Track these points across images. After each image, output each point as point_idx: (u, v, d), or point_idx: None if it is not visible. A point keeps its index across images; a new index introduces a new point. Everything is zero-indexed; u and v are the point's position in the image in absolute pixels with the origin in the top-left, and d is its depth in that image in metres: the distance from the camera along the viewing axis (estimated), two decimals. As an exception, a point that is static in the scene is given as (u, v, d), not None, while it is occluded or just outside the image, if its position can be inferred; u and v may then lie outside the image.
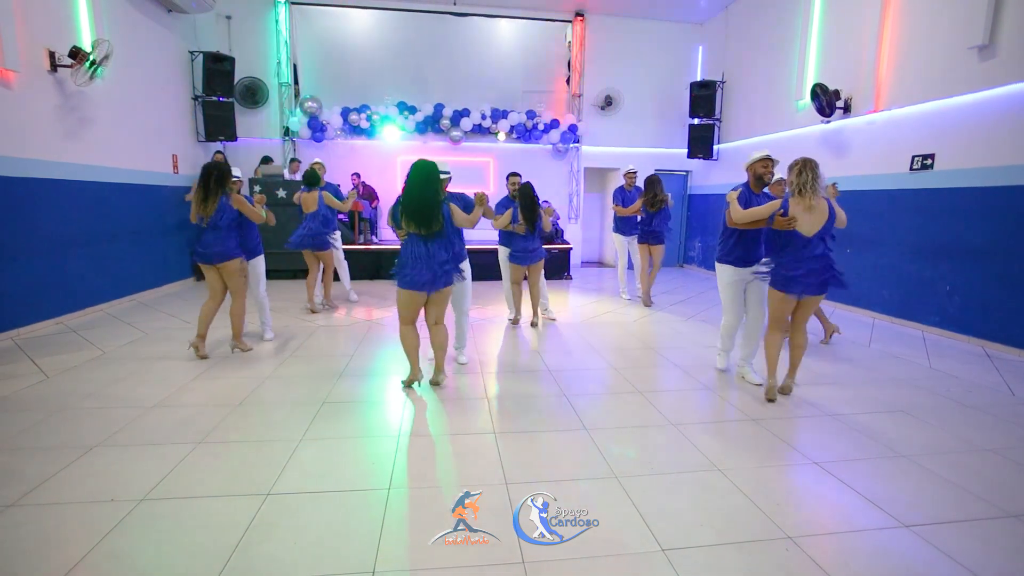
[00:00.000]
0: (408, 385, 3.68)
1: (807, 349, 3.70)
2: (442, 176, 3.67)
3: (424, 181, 3.37)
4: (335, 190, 6.29)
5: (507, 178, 5.51)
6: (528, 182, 5.32)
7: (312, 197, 5.88)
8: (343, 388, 3.70)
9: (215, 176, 4.18)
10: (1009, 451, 2.90)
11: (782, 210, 3.34)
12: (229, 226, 4.28)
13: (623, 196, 6.81)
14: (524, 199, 5.24)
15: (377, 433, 3.03)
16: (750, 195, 3.74)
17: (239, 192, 4.57)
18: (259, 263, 4.78)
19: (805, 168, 3.27)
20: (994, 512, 2.32)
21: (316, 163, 6.11)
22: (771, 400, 3.54)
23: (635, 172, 6.82)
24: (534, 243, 5.37)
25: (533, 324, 5.63)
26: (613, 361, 4.44)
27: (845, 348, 4.94)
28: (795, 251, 3.34)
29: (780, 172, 4.06)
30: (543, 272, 5.78)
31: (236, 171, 4.69)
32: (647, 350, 4.78)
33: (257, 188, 7.75)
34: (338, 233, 6.37)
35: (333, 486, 2.45)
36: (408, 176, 3.40)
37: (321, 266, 6.09)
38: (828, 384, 3.91)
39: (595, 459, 2.74)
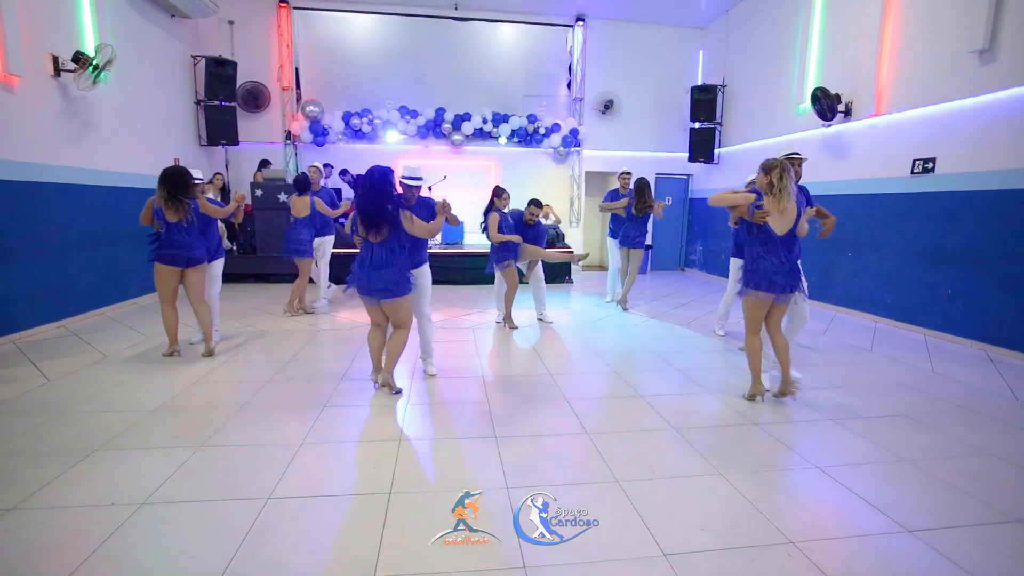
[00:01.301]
0: (375, 381, 3.75)
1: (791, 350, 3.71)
2: (411, 183, 3.64)
3: (371, 186, 3.31)
4: (330, 195, 6.29)
5: (527, 206, 5.60)
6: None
7: (303, 202, 5.87)
8: (344, 392, 3.70)
9: (179, 181, 4.16)
10: (1012, 455, 2.89)
11: (758, 204, 3.38)
12: (198, 229, 4.31)
13: (614, 198, 6.74)
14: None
15: (378, 437, 3.03)
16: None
17: (202, 194, 4.60)
18: (218, 265, 4.77)
19: (785, 173, 3.31)
20: (997, 517, 2.31)
21: (312, 167, 6.13)
22: (752, 400, 3.61)
23: (629, 174, 6.75)
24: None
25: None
26: (614, 365, 4.43)
27: (847, 352, 4.93)
28: (771, 252, 3.37)
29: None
30: (543, 276, 5.83)
31: (197, 172, 4.64)
32: (648, 354, 4.78)
33: (259, 192, 7.78)
34: (330, 238, 6.34)
35: (334, 490, 2.45)
36: (362, 186, 3.37)
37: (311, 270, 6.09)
38: (830, 388, 3.90)
39: (596, 463, 2.73)
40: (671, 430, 3.14)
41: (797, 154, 3.74)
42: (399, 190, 3.57)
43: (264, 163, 8.78)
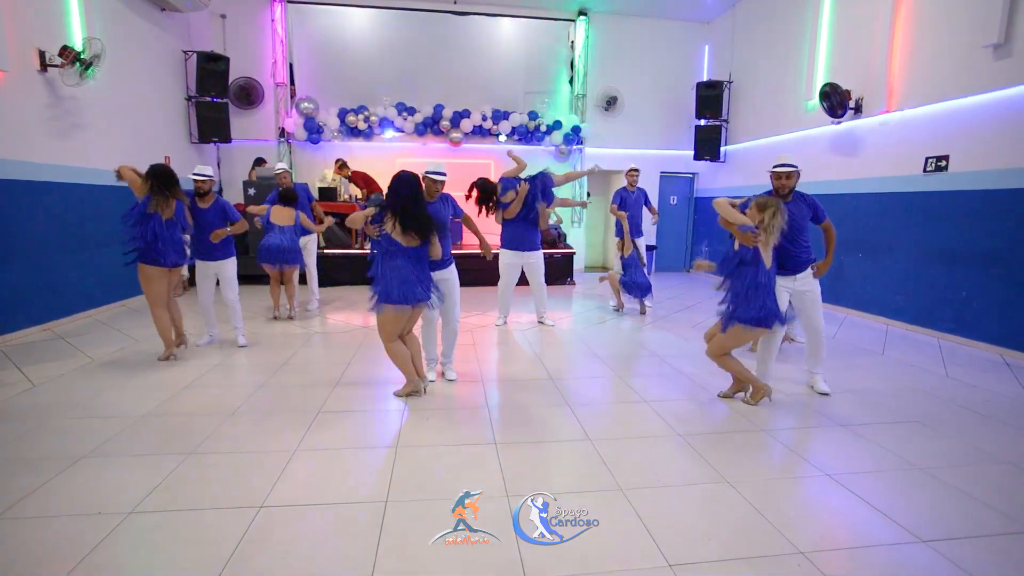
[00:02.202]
0: (408, 394, 3.69)
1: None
2: (437, 178, 3.70)
3: (419, 192, 3.46)
4: (305, 190, 6.38)
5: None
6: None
7: (288, 213, 5.82)
8: (340, 397, 3.69)
9: (167, 178, 4.20)
10: (1029, 463, 2.88)
11: (753, 229, 3.36)
12: (182, 229, 4.35)
13: (623, 197, 6.69)
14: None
15: (375, 444, 3.02)
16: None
17: (211, 191, 4.65)
18: (229, 266, 4.78)
19: (779, 213, 3.33)
20: (1014, 526, 2.30)
21: (282, 169, 6.21)
22: (757, 402, 3.66)
23: (637, 171, 6.72)
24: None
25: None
26: (617, 369, 4.43)
27: (858, 356, 4.92)
28: (762, 284, 3.37)
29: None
30: (543, 277, 5.81)
31: (207, 169, 4.62)
32: (653, 358, 4.77)
33: (251, 191, 7.78)
34: (305, 238, 6.31)
35: (329, 498, 2.44)
36: (399, 189, 3.38)
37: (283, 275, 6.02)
38: (841, 393, 3.89)
39: (599, 470, 2.72)
40: (676, 436, 3.14)
41: (789, 165, 3.70)
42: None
43: (259, 161, 8.78)
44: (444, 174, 3.74)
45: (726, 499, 2.48)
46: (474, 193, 5.23)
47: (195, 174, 4.58)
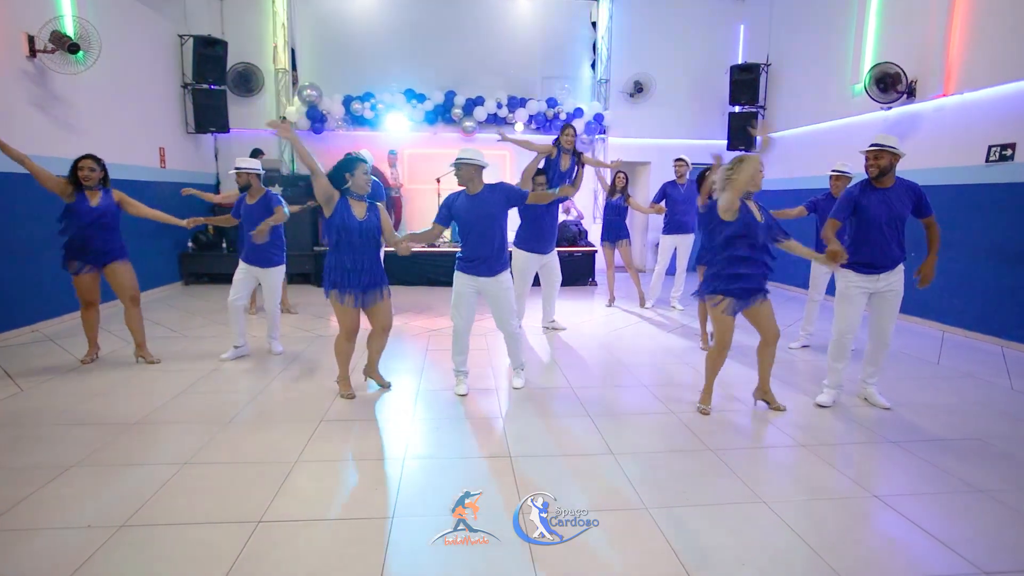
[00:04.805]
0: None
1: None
2: (468, 162, 3.65)
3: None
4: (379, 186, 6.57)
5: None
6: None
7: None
8: (343, 405, 3.72)
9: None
10: (1105, 486, 2.80)
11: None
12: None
13: (666, 193, 6.76)
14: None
15: (380, 455, 3.04)
16: (862, 190, 3.70)
17: (257, 185, 4.69)
18: (277, 274, 4.77)
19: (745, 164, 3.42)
20: (1088, 557, 2.24)
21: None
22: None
23: (684, 161, 6.76)
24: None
25: None
26: (642, 377, 4.40)
27: (911, 366, 4.83)
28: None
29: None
30: (559, 276, 5.81)
31: (244, 161, 4.70)
32: (681, 365, 4.73)
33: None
34: None
35: (331, 513, 2.46)
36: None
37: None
38: (891, 406, 3.82)
39: (623, 487, 2.71)
40: (706, 451, 3.11)
41: (879, 145, 3.68)
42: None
43: (257, 152, 8.88)
44: (466, 159, 3.63)
45: (762, 520, 2.45)
46: None
47: (235, 168, 4.66)
